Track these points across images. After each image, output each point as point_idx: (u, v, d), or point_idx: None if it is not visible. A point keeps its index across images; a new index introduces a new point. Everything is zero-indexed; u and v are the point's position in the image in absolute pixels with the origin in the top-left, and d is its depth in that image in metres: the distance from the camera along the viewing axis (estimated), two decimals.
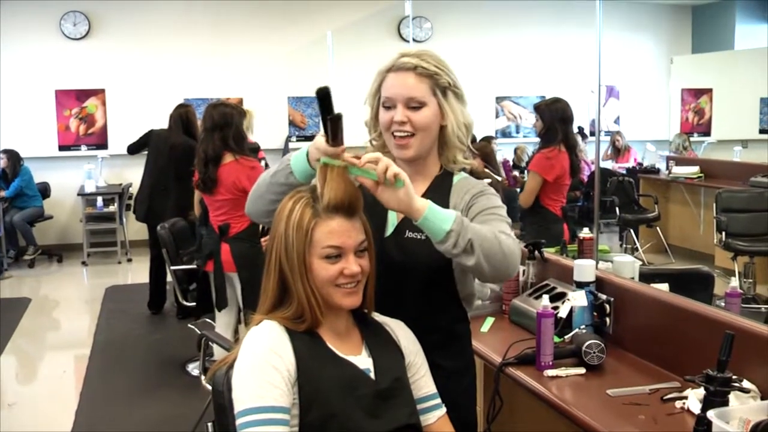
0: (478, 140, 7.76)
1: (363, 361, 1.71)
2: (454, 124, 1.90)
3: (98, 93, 9.41)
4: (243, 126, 4.37)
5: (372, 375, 1.70)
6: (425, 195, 1.85)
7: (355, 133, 2.13)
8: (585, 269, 2.77)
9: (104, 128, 9.47)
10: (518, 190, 4.65)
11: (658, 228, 7.78)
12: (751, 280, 5.94)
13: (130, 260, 8.90)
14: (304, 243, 1.66)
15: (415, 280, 1.88)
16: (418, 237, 1.84)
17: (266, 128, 5.90)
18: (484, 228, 1.73)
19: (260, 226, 4.34)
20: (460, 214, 1.70)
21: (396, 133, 1.87)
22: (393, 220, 1.92)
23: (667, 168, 8.38)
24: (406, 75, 1.87)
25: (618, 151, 9.61)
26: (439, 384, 1.84)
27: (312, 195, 1.70)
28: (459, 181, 1.96)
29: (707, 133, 10.18)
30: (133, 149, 6.97)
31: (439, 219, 1.66)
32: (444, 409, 1.83)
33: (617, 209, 7.22)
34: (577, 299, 2.69)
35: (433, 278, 1.88)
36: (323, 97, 1.66)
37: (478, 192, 1.92)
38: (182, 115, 6.18)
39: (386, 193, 1.65)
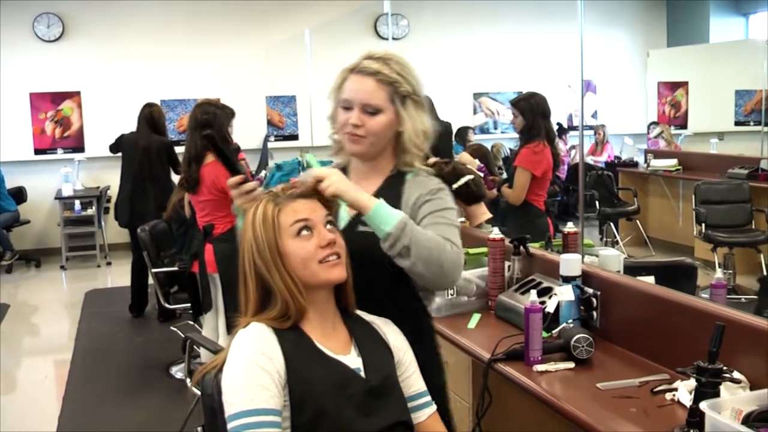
0: (454, 132, 7.75)
1: (353, 360, 1.71)
2: (411, 131, 1.93)
3: (74, 95, 9.32)
4: (228, 126, 4.33)
5: (362, 374, 1.69)
6: (377, 192, 1.91)
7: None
8: (571, 264, 2.77)
9: (80, 131, 9.38)
10: (495, 191, 4.61)
11: (637, 221, 7.84)
12: (730, 271, 5.99)
13: (109, 263, 8.81)
14: (273, 230, 1.68)
15: (370, 273, 1.86)
16: (369, 231, 1.84)
17: (244, 128, 5.88)
18: (428, 235, 1.78)
19: None
20: (406, 217, 1.76)
21: (348, 133, 1.91)
22: (345, 215, 1.93)
23: (646, 161, 8.44)
24: (366, 79, 1.89)
25: (596, 145, 9.69)
26: None
27: (270, 195, 1.75)
28: (412, 178, 1.98)
29: (684, 126, 10.26)
30: (113, 149, 7.16)
31: (382, 220, 1.74)
32: (434, 407, 1.83)
33: (597, 203, 7.26)
34: (564, 294, 2.69)
35: (386, 271, 1.87)
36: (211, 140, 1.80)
37: (432, 189, 1.94)
38: (147, 115, 6.27)
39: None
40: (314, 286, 1.69)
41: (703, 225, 6.28)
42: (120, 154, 6.87)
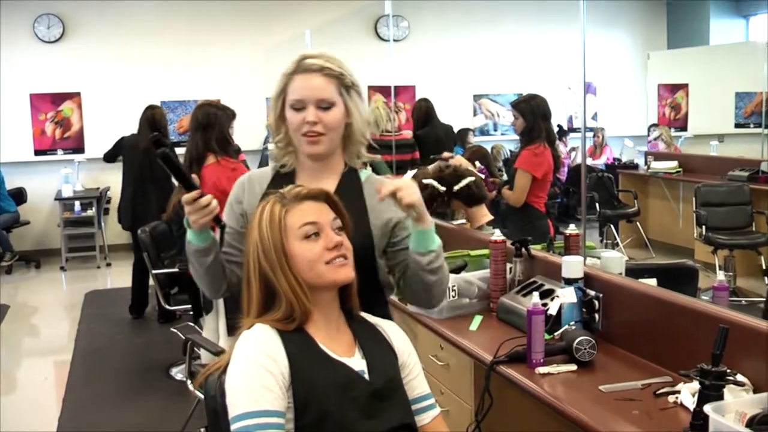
0: (455, 132, 7.74)
1: (357, 362, 1.70)
2: (359, 121, 1.99)
3: (74, 96, 9.30)
4: (230, 127, 4.33)
5: (366, 376, 1.69)
6: (337, 191, 1.92)
7: None
8: (573, 266, 2.77)
9: (80, 132, 9.37)
10: (495, 193, 4.61)
11: (638, 223, 7.84)
12: (731, 274, 5.99)
13: (109, 264, 8.80)
14: (279, 232, 1.67)
15: None
16: None
17: (244, 129, 5.86)
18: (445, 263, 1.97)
19: None
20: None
21: (307, 133, 1.92)
22: None
23: (646, 163, 8.45)
24: (314, 76, 1.93)
25: (594, 148, 9.69)
26: None
27: (277, 196, 1.74)
28: (367, 179, 2.04)
29: (684, 128, 10.26)
30: (108, 157, 7.13)
31: (432, 238, 1.90)
32: (438, 409, 1.83)
33: (597, 205, 7.25)
34: (567, 296, 2.69)
35: (357, 263, 1.83)
36: (165, 158, 1.81)
37: None
38: (149, 117, 6.27)
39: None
40: (320, 287, 1.69)
41: (704, 227, 6.28)
42: (114, 163, 6.92)
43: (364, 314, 1.82)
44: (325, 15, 8.35)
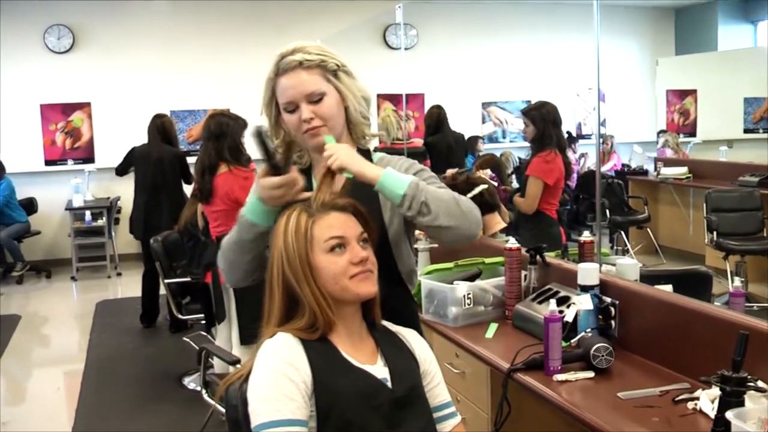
0: (466, 139, 7.73)
1: (379, 370, 1.70)
2: (353, 101, 1.92)
3: (84, 106, 9.34)
4: (242, 137, 4.36)
5: (389, 384, 1.68)
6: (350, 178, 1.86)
7: None
8: (589, 273, 2.77)
9: (91, 142, 9.40)
10: (508, 206, 4.61)
11: (648, 229, 7.81)
12: (742, 279, 5.97)
13: (119, 274, 8.83)
14: (305, 243, 1.66)
15: None
16: None
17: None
18: (439, 189, 1.81)
19: None
20: (415, 178, 1.77)
21: (307, 130, 1.88)
22: None
23: (656, 169, 8.43)
24: (295, 73, 1.86)
25: (603, 155, 9.67)
26: None
27: (304, 205, 1.72)
28: (379, 160, 1.97)
29: (693, 134, 10.25)
30: (120, 171, 7.09)
31: (394, 184, 1.75)
32: (459, 418, 1.82)
33: (607, 211, 7.23)
34: (583, 303, 2.68)
35: (382, 272, 1.79)
36: (258, 135, 1.77)
37: (412, 164, 1.95)
38: (158, 126, 6.30)
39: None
40: (344, 300, 1.68)
41: (715, 233, 6.26)
42: (125, 176, 6.94)
43: (385, 323, 1.81)
44: (335, 24, 8.36)
